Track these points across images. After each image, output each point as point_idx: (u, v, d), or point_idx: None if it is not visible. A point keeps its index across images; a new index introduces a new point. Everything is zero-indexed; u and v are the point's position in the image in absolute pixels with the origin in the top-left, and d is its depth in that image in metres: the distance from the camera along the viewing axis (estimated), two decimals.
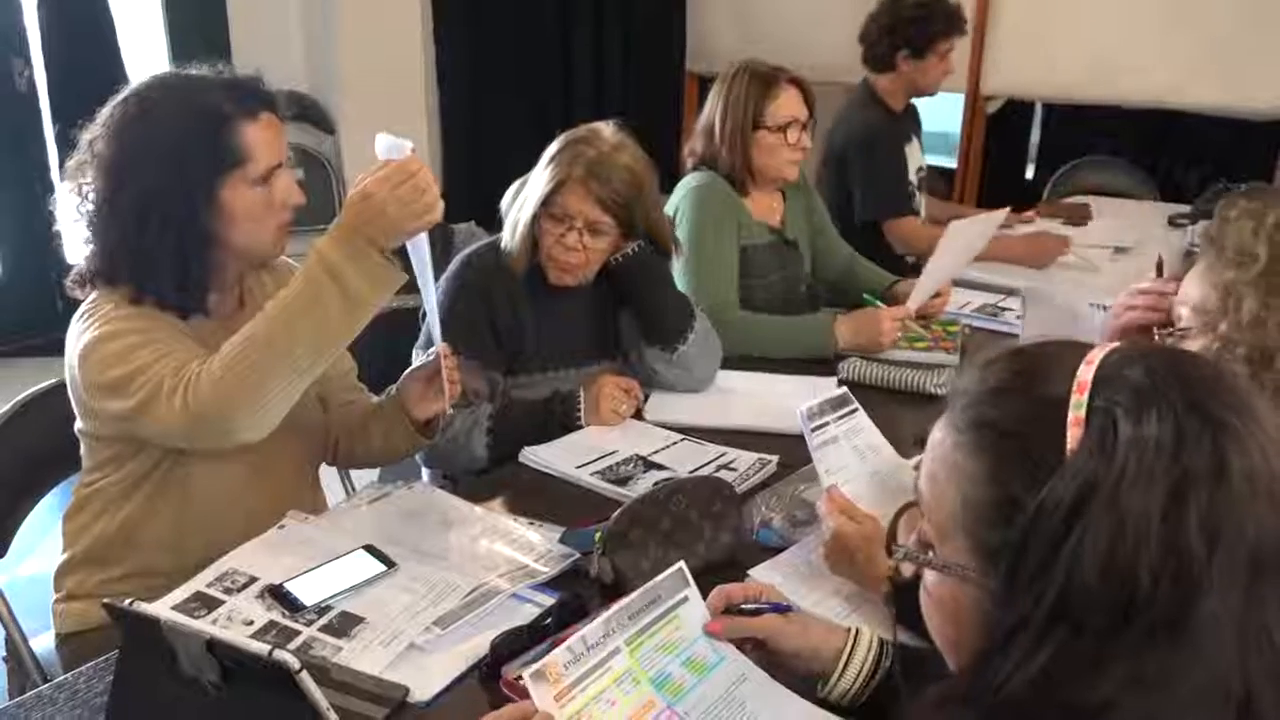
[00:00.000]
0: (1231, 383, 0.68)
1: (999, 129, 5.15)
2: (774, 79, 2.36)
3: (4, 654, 1.61)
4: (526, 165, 1.92)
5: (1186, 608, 0.60)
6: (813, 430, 1.45)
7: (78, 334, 1.44)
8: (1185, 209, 3.62)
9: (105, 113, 1.46)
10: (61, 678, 1.19)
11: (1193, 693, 0.60)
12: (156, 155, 1.41)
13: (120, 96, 1.47)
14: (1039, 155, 5.90)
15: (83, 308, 1.47)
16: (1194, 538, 0.61)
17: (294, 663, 0.98)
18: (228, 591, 1.32)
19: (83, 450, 1.56)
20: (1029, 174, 5.91)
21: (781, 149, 2.37)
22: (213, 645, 1.02)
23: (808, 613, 1.18)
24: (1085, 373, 0.67)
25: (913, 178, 3.21)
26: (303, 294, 1.33)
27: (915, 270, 3.03)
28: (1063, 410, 0.66)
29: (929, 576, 0.75)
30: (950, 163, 4.97)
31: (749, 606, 1.11)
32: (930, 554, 0.74)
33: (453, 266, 1.92)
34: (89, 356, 1.41)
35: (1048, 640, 0.62)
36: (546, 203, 1.82)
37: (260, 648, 1.01)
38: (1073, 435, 0.65)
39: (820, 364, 2.17)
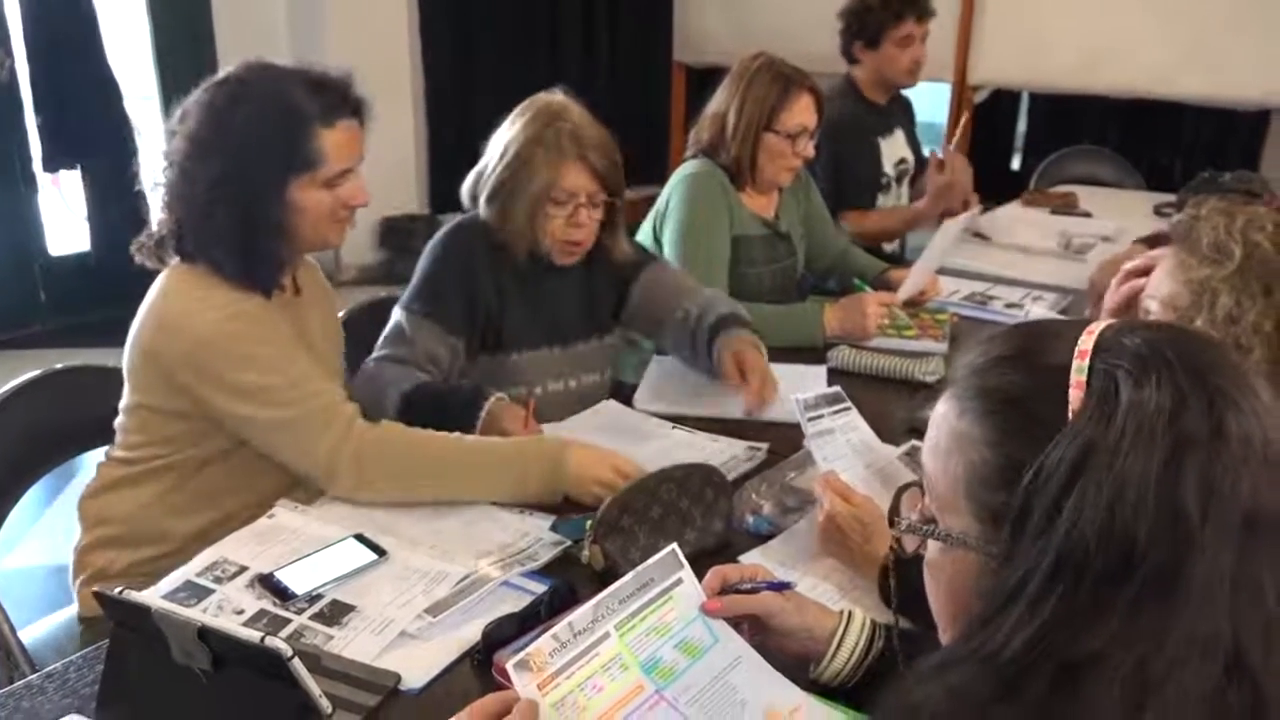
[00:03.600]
0: (1227, 355, 0.70)
1: (985, 119, 5.17)
2: (794, 84, 2.34)
3: None
4: None
5: (1180, 565, 0.62)
6: (809, 420, 1.46)
7: (182, 312, 1.49)
8: (1171, 198, 3.64)
9: (201, 89, 1.52)
10: (50, 667, 1.18)
11: (1182, 645, 0.62)
12: (236, 143, 1.47)
13: (217, 77, 1.52)
14: (1025, 145, 5.93)
15: (178, 283, 1.52)
16: (1189, 498, 0.62)
17: (286, 650, 0.99)
18: (218, 581, 1.32)
19: (129, 424, 1.58)
20: (1015, 164, 5.93)
21: (785, 156, 2.37)
22: (204, 633, 1.02)
23: (802, 593, 1.18)
24: (1086, 341, 0.69)
25: (889, 170, 3.20)
26: (497, 479, 1.52)
27: (893, 259, 3.06)
28: (1065, 376, 0.68)
29: (931, 551, 0.76)
30: (936, 152, 4.98)
31: (746, 586, 1.12)
32: (934, 526, 0.75)
33: (443, 230, 1.92)
34: (212, 347, 1.47)
35: (1048, 597, 0.64)
36: (549, 189, 1.79)
37: (252, 635, 1.01)
38: (1074, 398, 0.67)
39: (810, 352, 2.17)
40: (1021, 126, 5.96)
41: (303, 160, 1.49)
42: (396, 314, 1.85)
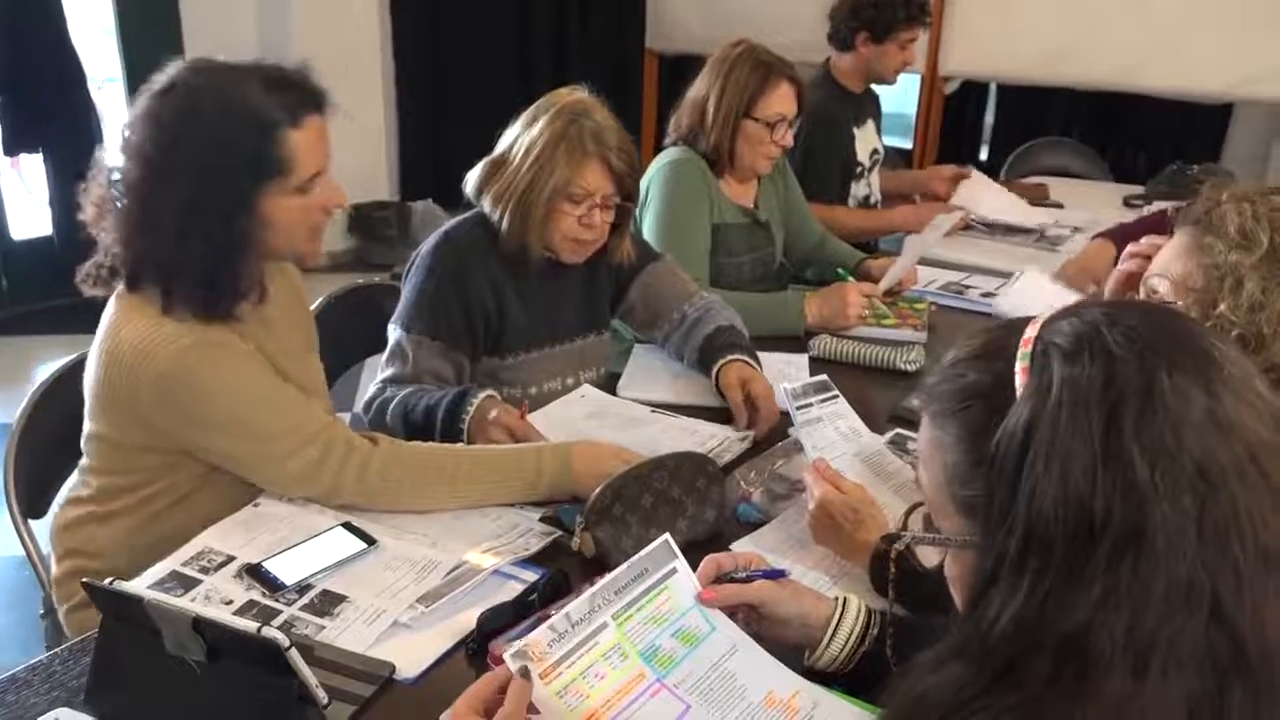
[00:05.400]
0: (1179, 324, 0.71)
1: (954, 110, 5.21)
2: (774, 71, 2.34)
3: (42, 611, 1.61)
4: (485, 143, 1.86)
5: (1142, 522, 0.63)
6: (797, 409, 1.46)
7: (142, 347, 1.36)
8: (1139, 190, 3.68)
9: (145, 99, 1.38)
10: (36, 659, 1.16)
11: (1162, 599, 0.63)
12: (198, 162, 1.35)
13: (159, 84, 1.38)
14: (992, 136, 5.98)
15: (136, 322, 1.38)
16: (1136, 458, 0.64)
17: (283, 640, 0.98)
18: (204, 571, 1.30)
19: (95, 456, 1.49)
20: (983, 155, 5.99)
21: (764, 144, 2.36)
22: (199, 623, 1.00)
23: (797, 581, 1.18)
24: (1031, 330, 0.72)
25: (864, 160, 3.21)
26: (508, 481, 1.49)
27: (869, 249, 3.07)
28: (1013, 365, 0.70)
29: (946, 560, 0.78)
30: (906, 143, 5.01)
31: (741, 574, 1.12)
32: (933, 534, 0.77)
33: (431, 243, 1.86)
34: (176, 380, 1.35)
35: (1023, 575, 0.65)
36: (566, 186, 1.75)
37: (248, 625, 1.00)
38: (1020, 383, 0.69)
39: (791, 341, 2.18)
40: (990, 118, 6.01)
41: (271, 169, 1.37)
42: (394, 333, 1.80)
